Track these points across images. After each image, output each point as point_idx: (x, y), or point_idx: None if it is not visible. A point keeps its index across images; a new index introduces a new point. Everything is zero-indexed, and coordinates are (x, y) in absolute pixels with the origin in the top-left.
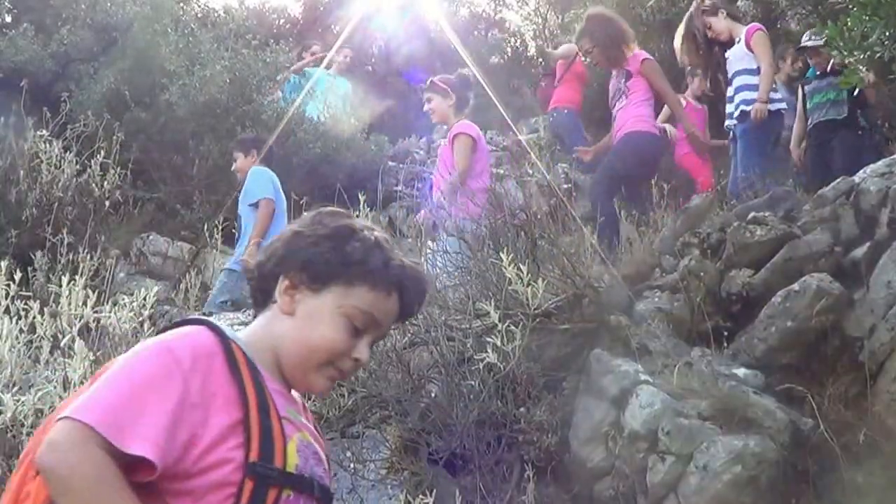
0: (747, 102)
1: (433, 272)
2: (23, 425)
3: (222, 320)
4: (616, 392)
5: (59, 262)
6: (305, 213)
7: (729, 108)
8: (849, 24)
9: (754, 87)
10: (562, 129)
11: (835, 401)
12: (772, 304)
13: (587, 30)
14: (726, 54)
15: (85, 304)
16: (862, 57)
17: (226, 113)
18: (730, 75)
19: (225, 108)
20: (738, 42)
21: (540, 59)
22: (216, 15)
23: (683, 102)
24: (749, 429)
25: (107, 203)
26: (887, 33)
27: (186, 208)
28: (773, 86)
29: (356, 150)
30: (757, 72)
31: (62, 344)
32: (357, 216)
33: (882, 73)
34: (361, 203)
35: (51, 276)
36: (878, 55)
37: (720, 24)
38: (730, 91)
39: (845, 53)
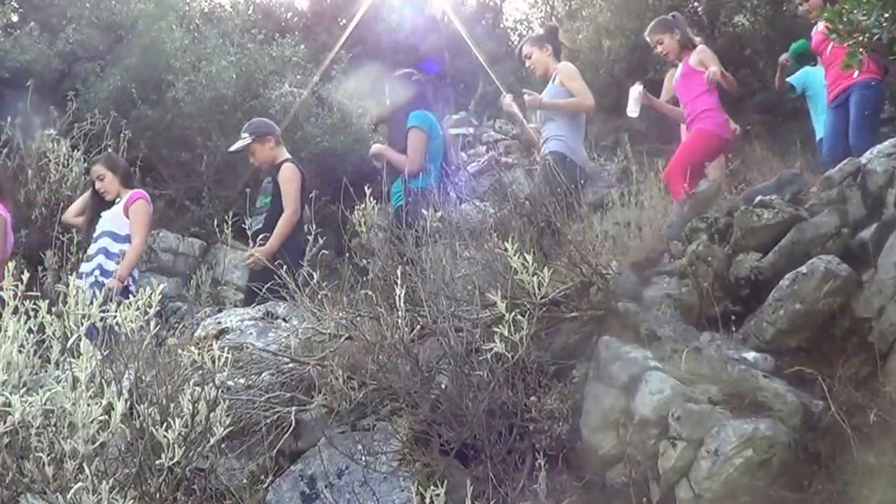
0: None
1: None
2: (31, 427)
3: (232, 315)
4: (625, 379)
5: (70, 261)
6: None
7: None
8: (847, 6)
9: None
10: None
11: (845, 382)
12: (780, 288)
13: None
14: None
15: (91, 303)
16: (861, 39)
17: (233, 108)
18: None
19: (232, 104)
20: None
21: None
22: (222, 10)
23: None
24: (759, 412)
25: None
26: (885, 15)
27: (196, 204)
28: None
29: (364, 143)
30: None
31: (69, 344)
32: (363, 209)
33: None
34: (367, 196)
35: (61, 275)
36: (876, 37)
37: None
38: None
39: (844, 36)
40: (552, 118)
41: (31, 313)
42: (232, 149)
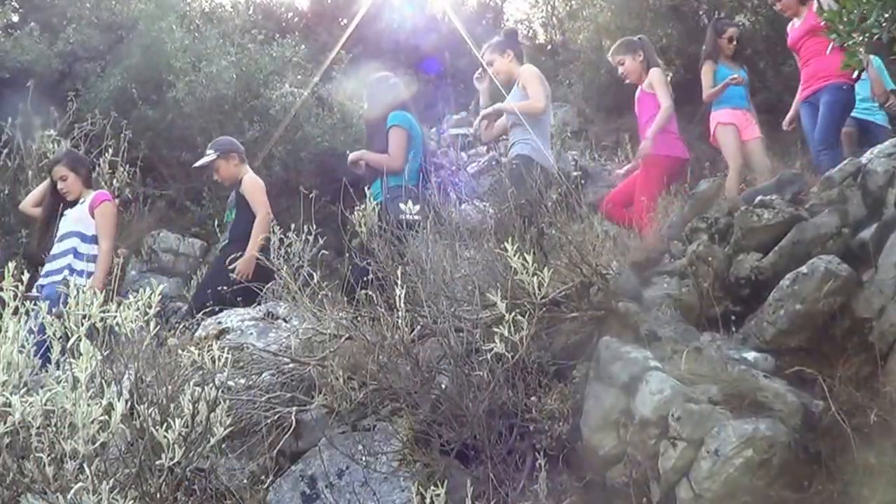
0: None
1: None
2: (31, 427)
3: (232, 316)
4: (626, 379)
5: None
6: None
7: None
8: (847, 6)
9: None
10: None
11: (845, 382)
12: (780, 288)
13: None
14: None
15: (91, 303)
16: (861, 39)
17: (233, 108)
18: None
19: (232, 104)
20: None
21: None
22: (222, 10)
23: None
24: (760, 412)
25: (116, 201)
26: (886, 15)
27: (196, 204)
28: None
29: (364, 144)
30: None
31: (69, 345)
32: (363, 209)
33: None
34: (368, 197)
35: None
36: (876, 37)
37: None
38: None
39: (844, 36)
40: (518, 123)
41: (32, 313)
42: (196, 165)
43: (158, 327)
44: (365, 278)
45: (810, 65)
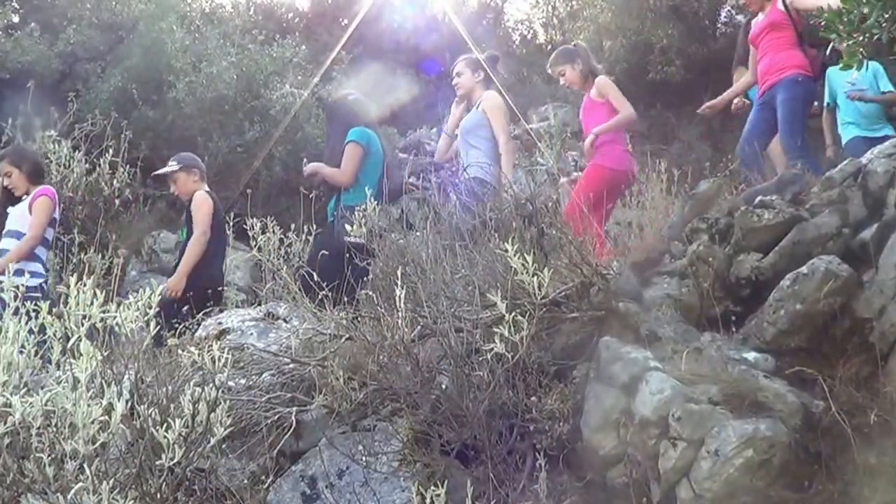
0: None
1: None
2: (32, 427)
3: (233, 316)
4: (626, 379)
5: (71, 261)
6: None
7: None
8: (847, 6)
9: None
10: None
11: (846, 383)
12: (780, 288)
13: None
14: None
15: (92, 304)
16: (861, 39)
17: (234, 109)
18: None
19: (233, 105)
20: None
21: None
22: (222, 11)
23: None
24: (760, 413)
25: (117, 202)
26: (885, 15)
27: None
28: None
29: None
30: None
31: (69, 345)
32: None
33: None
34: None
35: (62, 275)
36: (876, 37)
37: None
38: None
39: (844, 36)
40: (475, 146)
41: (32, 314)
42: (156, 173)
43: (159, 327)
44: (365, 278)
45: (765, 60)
